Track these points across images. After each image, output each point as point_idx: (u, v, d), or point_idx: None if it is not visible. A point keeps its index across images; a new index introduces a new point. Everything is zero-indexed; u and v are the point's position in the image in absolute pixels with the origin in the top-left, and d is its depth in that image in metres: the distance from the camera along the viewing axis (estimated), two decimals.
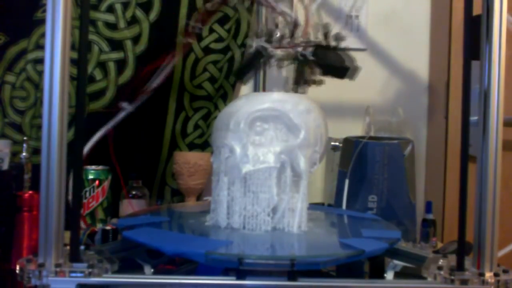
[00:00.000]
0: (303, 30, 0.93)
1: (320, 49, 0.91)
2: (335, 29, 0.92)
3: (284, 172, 0.82)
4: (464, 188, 0.69)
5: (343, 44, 0.94)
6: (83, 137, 0.71)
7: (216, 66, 1.36)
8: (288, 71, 1.15)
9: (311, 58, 0.91)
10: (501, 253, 0.76)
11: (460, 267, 0.70)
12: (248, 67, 0.95)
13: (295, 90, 0.95)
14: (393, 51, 1.48)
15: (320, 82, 0.98)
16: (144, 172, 1.32)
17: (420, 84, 1.49)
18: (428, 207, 1.21)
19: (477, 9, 0.71)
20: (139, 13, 1.27)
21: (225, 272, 0.71)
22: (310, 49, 0.92)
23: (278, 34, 0.95)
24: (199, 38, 1.33)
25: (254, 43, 0.94)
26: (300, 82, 0.94)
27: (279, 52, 0.92)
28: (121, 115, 1.13)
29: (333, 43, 0.94)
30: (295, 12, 0.96)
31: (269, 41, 0.93)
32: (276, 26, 0.97)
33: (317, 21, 0.96)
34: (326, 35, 0.93)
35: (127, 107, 1.13)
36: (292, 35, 0.94)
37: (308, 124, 0.83)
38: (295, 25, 0.94)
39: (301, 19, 0.95)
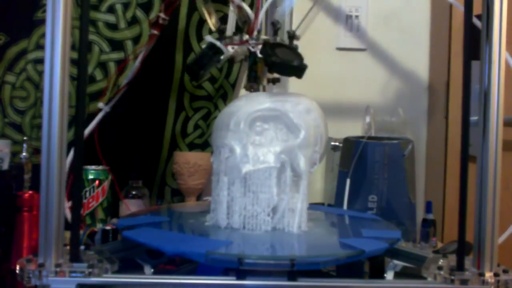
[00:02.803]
0: (251, 27, 0.91)
1: (268, 47, 0.89)
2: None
3: (284, 172, 0.82)
4: (464, 188, 0.69)
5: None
6: (83, 137, 0.71)
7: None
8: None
9: (259, 55, 0.89)
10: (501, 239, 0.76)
11: (460, 267, 0.70)
12: (198, 64, 0.93)
13: (249, 88, 0.93)
14: (393, 51, 1.48)
15: (276, 80, 0.97)
16: (144, 172, 1.32)
17: (420, 84, 1.49)
18: (428, 207, 1.21)
19: (477, 9, 0.71)
20: (139, 14, 1.27)
21: (225, 272, 0.71)
22: (261, 47, 0.89)
23: (230, 31, 0.93)
24: (199, 37, 1.33)
25: (205, 39, 0.93)
26: (252, 80, 0.92)
27: (230, 49, 0.91)
28: (100, 116, 1.13)
29: (288, 41, 0.92)
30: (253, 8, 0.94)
31: (221, 37, 0.91)
32: (236, 23, 0.95)
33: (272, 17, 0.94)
34: (275, 32, 0.91)
35: (103, 107, 1.14)
36: (243, 31, 0.92)
37: (308, 124, 0.83)
38: (246, 21, 0.92)
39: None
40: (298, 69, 0.89)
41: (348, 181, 1.13)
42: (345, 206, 1.13)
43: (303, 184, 0.83)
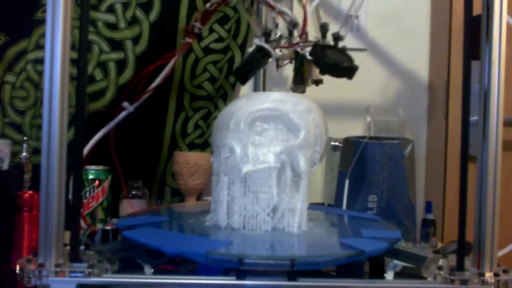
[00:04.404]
0: (301, 30, 0.93)
1: (318, 48, 0.90)
2: (334, 28, 0.92)
3: (284, 172, 0.82)
4: (464, 188, 0.69)
5: (341, 44, 0.93)
6: (83, 137, 0.71)
7: (216, 66, 1.36)
8: (288, 70, 1.14)
9: (309, 57, 0.90)
10: (501, 252, 0.76)
11: (460, 267, 0.70)
12: (247, 67, 0.94)
13: (295, 90, 0.95)
14: (393, 51, 1.48)
15: (319, 82, 0.98)
16: (144, 172, 1.32)
17: (420, 84, 1.49)
18: (428, 207, 1.21)
19: (477, 9, 0.71)
20: (139, 13, 1.27)
21: (225, 272, 0.71)
22: (308, 49, 0.91)
23: (278, 34, 0.95)
24: (199, 38, 1.33)
25: (254, 43, 0.94)
26: (299, 81, 0.94)
27: (278, 52, 0.92)
28: (122, 115, 1.13)
29: (331, 42, 0.94)
30: (293, 11, 0.96)
31: (267, 40, 0.93)
32: (276, 26, 0.97)
33: (316, 20, 0.96)
34: (324, 35, 0.93)
35: (127, 107, 1.13)
36: (290, 34, 0.94)
37: (308, 124, 0.83)
38: (293, 24, 0.93)
39: (300, 18, 0.95)
40: (349, 70, 0.91)
41: (347, 181, 1.13)
42: (344, 206, 1.13)
43: (303, 184, 0.83)
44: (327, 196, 1.37)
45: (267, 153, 0.81)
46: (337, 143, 1.30)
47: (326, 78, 0.96)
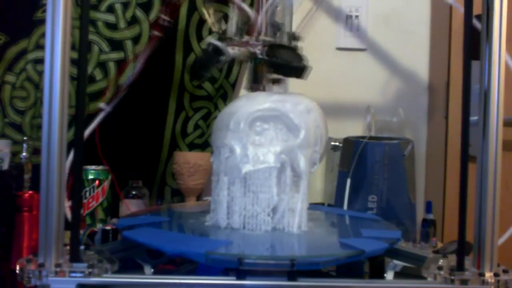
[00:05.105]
0: (255, 28, 0.92)
1: (269, 48, 0.90)
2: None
3: (284, 172, 0.82)
4: (464, 188, 0.69)
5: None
6: (83, 137, 0.71)
7: None
8: None
9: (261, 56, 0.90)
10: (501, 240, 0.76)
11: (460, 267, 0.70)
12: (201, 65, 0.93)
13: (251, 90, 0.94)
14: (393, 51, 1.48)
15: (278, 81, 0.96)
16: (144, 172, 1.31)
17: (420, 84, 1.49)
18: (428, 207, 1.21)
19: (477, 9, 0.71)
20: (139, 13, 1.27)
21: (225, 272, 0.71)
22: (262, 48, 0.91)
23: (232, 32, 0.94)
24: (199, 37, 1.33)
25: (206, 40, 0.93)
26: (254, 81, 0.93)
27: (231, 50, 0.91)
28: (101, 116, 1.12)
29: (288, 42, 0.93)
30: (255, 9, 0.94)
31: (223, 38, 0.92)
32: (240, 24, 0.95)
33: (273, 19, 0.94)
34: (276, 33, 0.92)
35: (103, 107, 1.13)
36: (247, 32, 0.92)
37: (308, 124, 0.83)
38: (247, 22, 0.92)
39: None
40: (299, 70, 0.90)
41: (348, 181, 1.13)
42: (345, 206, 1.13)
43: (303, 184, 0.83)
44: (327, 196, 1.37)
45: (267, 153, 0.81)
46: (337, 143, 1.30)
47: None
